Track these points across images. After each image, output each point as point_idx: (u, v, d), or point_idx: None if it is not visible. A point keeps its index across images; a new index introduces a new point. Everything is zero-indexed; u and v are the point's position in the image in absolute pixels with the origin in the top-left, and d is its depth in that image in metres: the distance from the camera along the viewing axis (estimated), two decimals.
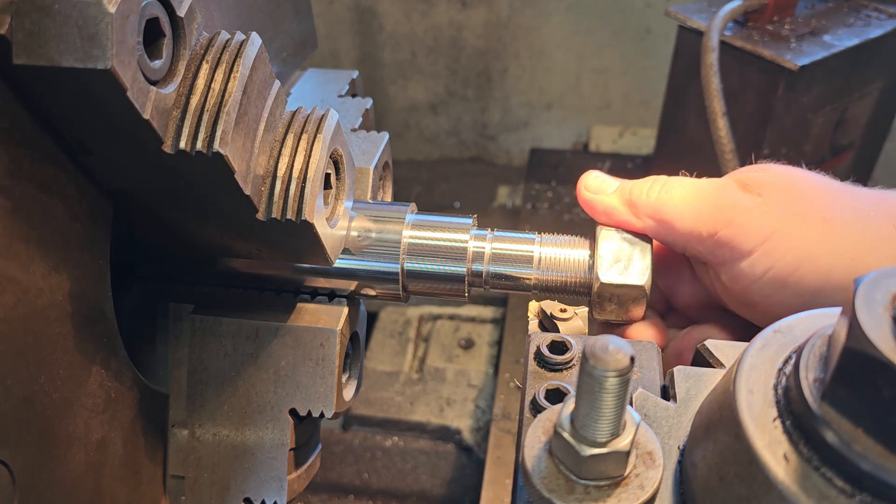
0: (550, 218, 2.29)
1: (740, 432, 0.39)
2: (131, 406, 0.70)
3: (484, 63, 2.65)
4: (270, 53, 0.63)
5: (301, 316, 0.76)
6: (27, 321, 0.55)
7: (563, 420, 0.42)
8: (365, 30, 2.64)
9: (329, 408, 0.75)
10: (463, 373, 1.95)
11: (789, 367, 0.41)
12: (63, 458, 0.60)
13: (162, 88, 0.53)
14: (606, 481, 0.42)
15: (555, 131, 2.77)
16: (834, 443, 0.35)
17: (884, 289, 0.35)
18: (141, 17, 0.49)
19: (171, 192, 0.63)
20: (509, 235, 0.75)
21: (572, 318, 0.71)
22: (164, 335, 0.77)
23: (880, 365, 0.33)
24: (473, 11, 2.54)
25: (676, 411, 0.51)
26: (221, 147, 0.55)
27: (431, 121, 2.82)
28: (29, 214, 0.54)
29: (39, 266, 0.56)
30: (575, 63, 2.61)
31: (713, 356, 0.56)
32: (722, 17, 1.68)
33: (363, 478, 1.71)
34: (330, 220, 0.68)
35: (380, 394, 1.88)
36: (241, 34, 0.59)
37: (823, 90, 1.77)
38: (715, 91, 1.61)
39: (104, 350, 0.65)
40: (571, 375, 0.59)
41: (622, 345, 0.39)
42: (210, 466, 0.77)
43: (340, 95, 0.93)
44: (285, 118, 0.65)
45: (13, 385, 0.54)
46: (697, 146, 1.86)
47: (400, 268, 0.73)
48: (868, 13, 1.90)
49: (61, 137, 0.56)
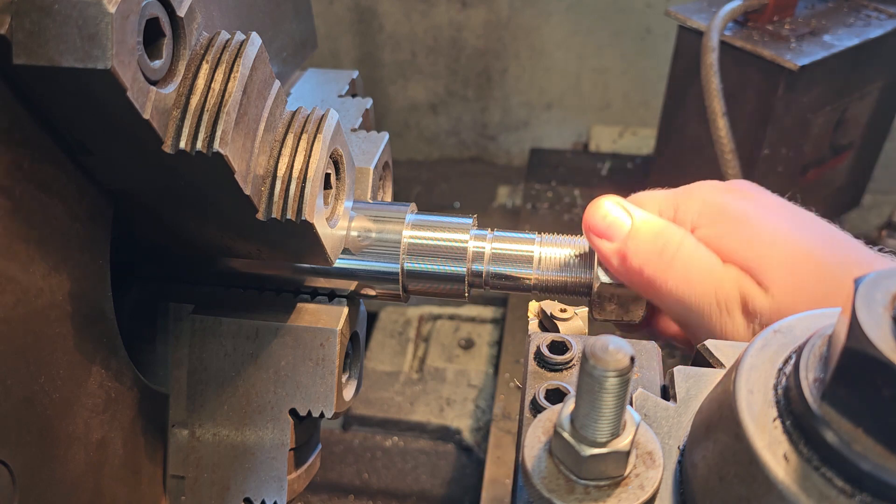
0: (550, 218, 2.29)
1: (740, 432, 0.39)
2: (131, 406, 0.70)
3: (484, 63, 2.65)
4: (270, 53, 0.63)
5: (301, 316, 0.76)
6: (27, 321, 0.55)
7: (563, 420, 0.42)
8: (365, 30, 2.64)
9: (329, 408, 0.75)
10: (463, 373, 1.95)
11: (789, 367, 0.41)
12: (63, 458, 0.60)
13: (162, 88, 0.53)
14: (606, 481, 0.42)
15: (555, 131, 2.77)
16: (834, 443, 0.35)
17: (884, 289, 0.35)
18: (141, 17, 0.49)
19: (171, 192, 0.63)
20: (509, 235, 0.75)
21: (572, 318, 0.71)
22: (164, 335, 0.77)
23: (880, 365, 0.33)
24: (473, 11, 2.54)
25: (676, 411, 0.51)
26: (221, 147, 0.55)
27: (431, 121, 2.82)
28: (29, 214, 0.54)
29: (39, 266, 0.56)
30: (575, 63, 2.61)
31: (713, 356, 0.55)
32: (722, 17, 1.68)
33: (363, 478, 1.71)
34: (330, 220, 0.68)
35: (380, 394, 1.88)
36: (241, 34, 0.59)
37: (823, 90, 1.77)
38: (715, 91, 1.61)
39: (104, 350, 0.65)
40: (571, 375, 0.59)
41: (622, 345, 0.39)
42: (210, 466, 0.77)
43: (340, 95, 0.93)
44: (285, 118, 0.65)
45: (13, 385, 0.54)
46: (697, 146, 1.86)
47: (400, 268, 0.73)
48: (868, 13, 1.90)
49: (61, 137, 0.56)
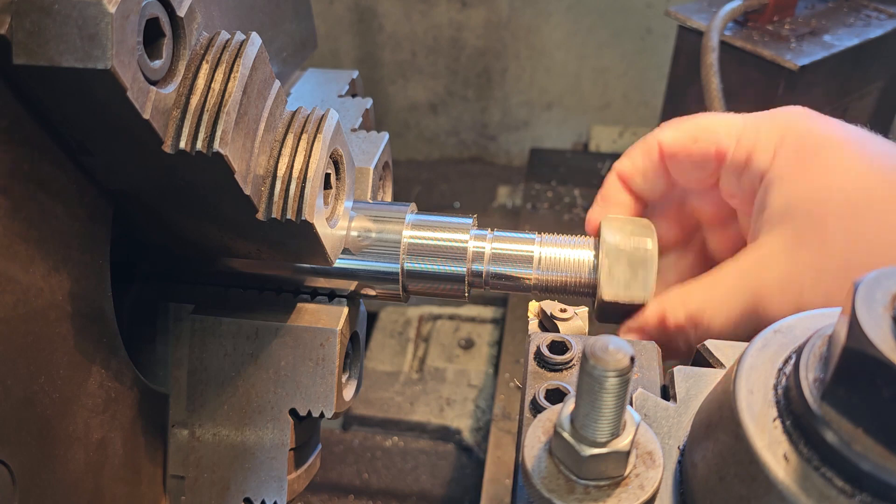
0: (550, 218, 2.28)
1: (740, 432, 0.39)
2: (131, 406, 0.70)
3: (484, 63, 2.65)
4: (270, 53, 0.63)
5: (301, 316, 0.76)
6: (27, 321, 0.55)
7: (563, 420, 0.42)
8: (365, 30, 2.64)
9: (329, 408, 0.75)
10: (463, 373, 1.94)
11: (789, 367, 0.41)
12: (63, 458, 0.60)
13: (162, 88, 0.53)
14: (606, 481, 0.42)
15: (555, 131, 2.77)
16: (834, 443, 0.35)
17: (884, 289, 0.35)
18: (141, 17, 0.49)
19: (171, 193, 0.63)
20: (509, 235, 0.75)
21: (572, 318, 0.71)
22: (164, 335, 0.77)
23: (880, 365, 0.33)
24: (473, 11, 2.54)
25: (676, 411, 0.51)
26: (221, 147, 0.55)
27: (431, 121, 2.81)
28: (29, 214, 0.54)
29: (39, 266, 0.56)
30: (575, 63, 2.61)
31: (713, 356, 0.56)
32: (722, 17, 1.68)
33: (363, 478, 1.71)
34: (330, 220, 0.68)
35: (380, 394, 1.88)
36: (241, 34, 0.59)
37: (823, 90, 1.77)
38: (715, 91, 1.60)
39: (104, 350, 0.65)
40: (571, 375, 0.59)
41: (622, 345, 0.39)
42: (210, 466, 0.77)
43: (340, 95, 0.93)
44: (285, 118, 0.65)
45: (13, 385, 0.54)
46: None
47: (400, 268, 0.73)
48: (868, 13, 1.90)
49: (61, 137, 0.56)
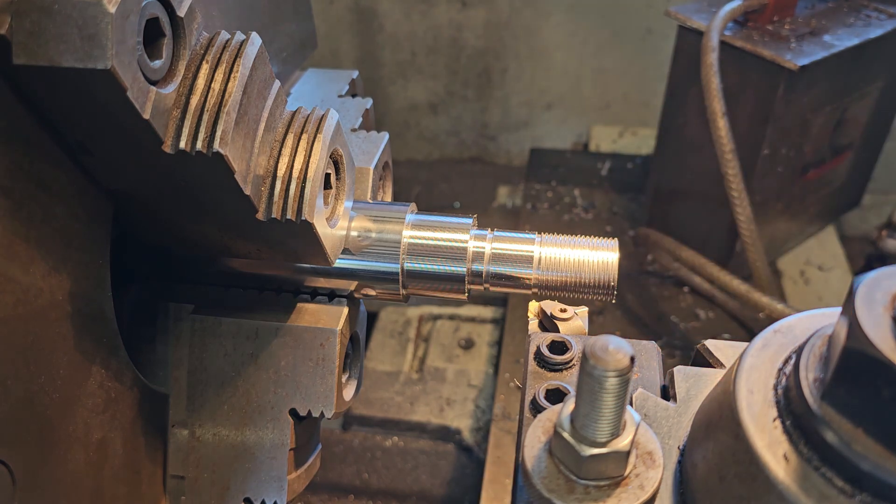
0: (550, 218, 2.28)
1: (740, 432, 0.39)
2: (131, 406, 0.70)
3: (484, 63, 2.65)
4: (270, 53, 0.63)
5: (301, 316, 0.76)
6: (27, 321, 0.55)
7: (563, 420, 0.42)
8: (365, 30, 2.64)
9: (329, 408, 0.75)
10: (463, 373, 1.94)
11: (789, 367, 0.41)
12: (63, 458, 0.60)
13: (162, 88, 0.53)
14: (606, 481, 0.42)
15: (555, 131, 2.77)
16: (834, 443, 0.35)
17: (884, 289, 0.35)
18: (141, 17, 0.49)
19: (171, 192, 0.63)
20: (509, 235, 0.75)
21: (572, 318, 0.71)
22: (164, 335, 0.77)
23: (880, 365, 0.33)
24: (473, 11, 2.54)
25: (676, 411, 0.51)
26: (221, 147, 0.55)
27: (431, 121, 2.82)
28: (29, 214, 0.54)
29: (39, 266, 0.56)
30: (575, 63, 2.61)
31: (713, 356, 0.56)
32: (722, 17, 1.68)
33: (363, 478, 1.71)
34: (330, 220, 0.68)
35: (380, 394, 1.88)
36: (241, 34, 0.59)
37: (823, 90, 1.77)
38: (715, 91, 1.60)
39: (104, 350, 0.65)
40: (571, 375, 0.59)
41: (622, 345, 0.39)
42: (210, 466, 0.77)
43: (340, 95, 0.93)
44: (285, 118, 0.65)
45: (13, 385, 0.54)
46: (697, 146, 1.86)
47: (400, 268, 0.73)
48: (868, 13, 1.90)
49: (61, 137, 0.56)
